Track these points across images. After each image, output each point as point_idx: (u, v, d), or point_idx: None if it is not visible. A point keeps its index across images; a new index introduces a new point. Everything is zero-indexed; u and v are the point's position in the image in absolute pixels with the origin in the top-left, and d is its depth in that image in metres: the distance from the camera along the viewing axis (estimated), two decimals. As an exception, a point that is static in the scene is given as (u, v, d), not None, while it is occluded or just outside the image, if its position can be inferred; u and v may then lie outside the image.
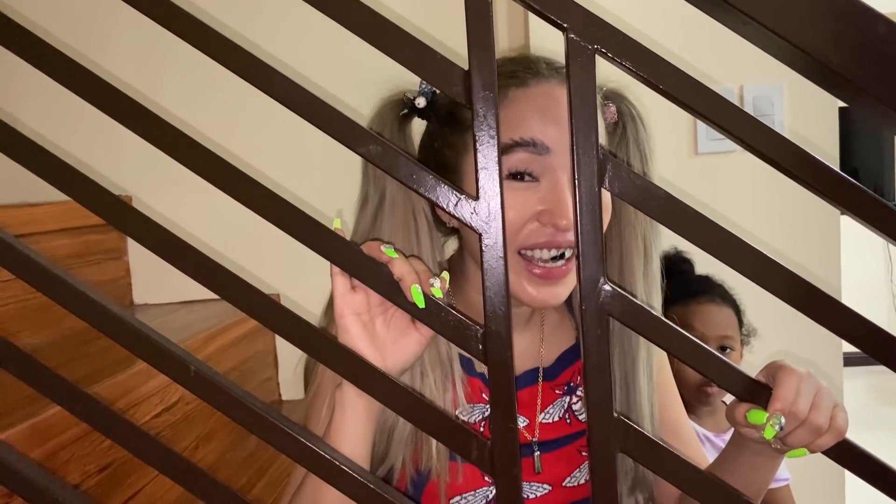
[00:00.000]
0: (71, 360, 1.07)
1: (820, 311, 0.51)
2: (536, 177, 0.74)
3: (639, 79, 0.50)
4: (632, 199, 0.51)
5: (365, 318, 0.64)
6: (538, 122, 0.74)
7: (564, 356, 0.90)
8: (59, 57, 0.53)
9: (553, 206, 0.72)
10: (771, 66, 1.34)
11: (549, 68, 0.79)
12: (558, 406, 0.87)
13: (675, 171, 1.33)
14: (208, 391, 0.55)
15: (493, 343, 0.52)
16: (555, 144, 0.73)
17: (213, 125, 1.41)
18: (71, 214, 1.36)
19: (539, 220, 0.73)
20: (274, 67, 0.52)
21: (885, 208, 0.49)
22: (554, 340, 0.91)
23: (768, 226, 1.34)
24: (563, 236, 0.73)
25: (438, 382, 0.79)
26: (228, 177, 0.52)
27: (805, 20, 0.46)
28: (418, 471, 0.81)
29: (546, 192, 0.73)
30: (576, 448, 0.87)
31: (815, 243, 1.35)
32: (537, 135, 0.73)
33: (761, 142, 0.49)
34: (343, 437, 0.65)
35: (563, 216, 0.71)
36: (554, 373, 0.89)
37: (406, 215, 0.79)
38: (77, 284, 0.54)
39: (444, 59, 0.51)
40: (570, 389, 0.89)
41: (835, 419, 0.60)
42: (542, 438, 0.86)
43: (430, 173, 0.52)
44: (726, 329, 1.25)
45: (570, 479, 0.86)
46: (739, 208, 1.33)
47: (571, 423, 0.87)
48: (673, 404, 0.92)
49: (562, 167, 0.73)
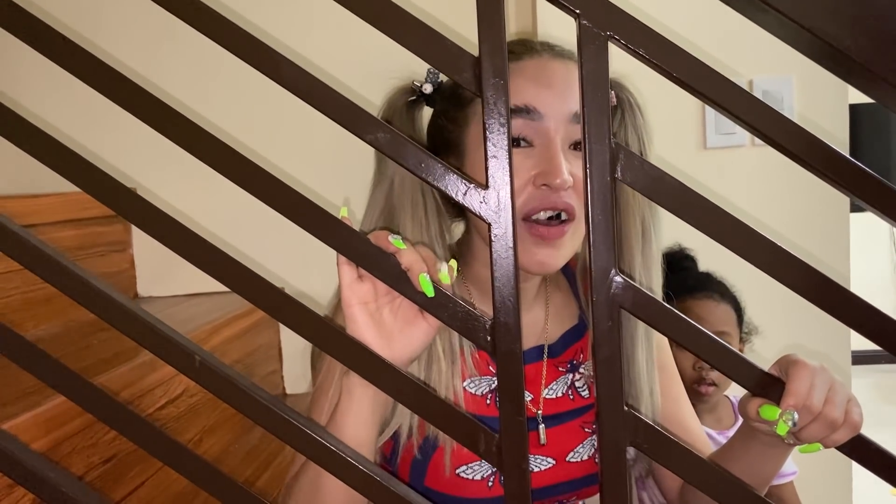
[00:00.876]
0: (74, 351, 1.06)
1: (835, 305, 0.50)
2: (531, 142, 0.77)
3: (652, 66, 0.49)
4: (644, 188, 0.50)
5: (372, 308, 0.64)
6: (531, 89, 0.77)
7: (568, 335, 0.92)
8: (64, 42, 0.52)
9: (547, 167, 0.75)
10: (781, 58, 1.33)
11: (542, 45, 0.82)
12: (562, 383, 0.89)
13: (684, 165, 1.32)
14: (214, 382, 0.54)
15: (501, 334, 0.51)
16: (547, 109, 0.76)
17: (218, 112, 1.40)
18: (75, 206, 1.35)
19: (534, 183, 0.76)
20: (281, 54, 0.51)
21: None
22: (558, 319, 0.93)
23: (777, 221, 1.33)
24: (559, 197, 0.75)
25: (447, 354, 0.80)
26: (233, 164, 0.52)
27: (822, 7, 0.46)
28: (426, 438, 0.82)
29: (540, 155, 0.76)
30: (579, 424, 0.88)
31: (824, 239, 1.33)
32: (530, 101, 0.76)
33: (777, 131, 0.49)
34: (347, 425, 0.65)
35: (556, 174, 0.74)
36: (558, 350, 0.91)
37: (415, 196, 0.81)
38: (84, 275, 0.54)
39: (454, 46, 0.50)
40: (573, 367, 0.91)
41: (850, 413, 0.59)
42: (547, 413, 0.87)
43: (439, 162, 0.51)
44: (723, 325, 1.25)
45: (573, 455, 0.87)
46: (747, 203, 1.32)
47: (574, 398, 0.89)
48: (673, 383, 0.93)
49: (555, 131, 0.76)
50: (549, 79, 0.78)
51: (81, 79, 0.52)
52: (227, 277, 0.53)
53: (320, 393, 0.79)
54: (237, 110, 1.54)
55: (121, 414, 0.55)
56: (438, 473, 0.82)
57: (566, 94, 0.77)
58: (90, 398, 0.55)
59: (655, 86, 0.95)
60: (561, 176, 0.74)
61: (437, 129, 0.87)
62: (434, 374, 0.80)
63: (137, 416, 0.55)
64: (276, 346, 1.59)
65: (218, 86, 1.55)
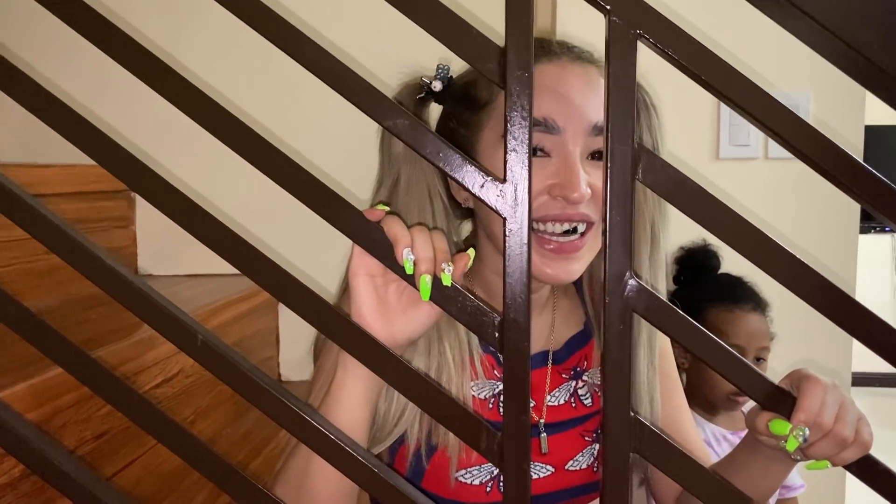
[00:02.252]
0: (71, 325, 1.06)
1: (851, 321, 0.49)
2: (548, 152, 0.75)
3: (680, 68, 0.48)
4: (665, 192, 0.49)
5: (378, 282, 0.63)
6: (550, 100, 0.75)
7: (573, 341, 0.91)
8: (84, 9, 0.51)
9: (564, 180, 0.73)
10: (799, 73, 1.32)
11: (560, 47, 0.80)
12: (564, 390, 0.88)
13: (696, 174, 1.31)
14: (214, 362, 0.53)
15: (510, 331, 0.51)
16: (566, 123, 0.74)
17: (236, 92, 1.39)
18: (80, 178, 1.34)
19: (550, 193, 0.74)
20: (305, 34, 0.50)
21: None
22: (564, 325, 0.92)
23: (785, 236, 1.32)
24: (575, 209, 0.74)
25: (457, 354, 0.79)
26: (244, 139, 0.51)
27: (857, 17, 0.45)
28: (429, 442, 0.81)
29: (558, 166, 0.74)
30: (579, 432, 0.87)
31: (832, 257, 1.33)
32: (550, 114, 0.74)
33: (803, 141, 0.48)
34: (341, 401, 0.64)
35: (574, 188, 0.72)
36: (562, 357, 0.90)
37: (421, 196, 0.79)
38: (90, 246, 0.53)
39: (481, 35, 0.49)
40: (576, 374, 0.90)
41: (860, 432, 0.58)
42: (549, 420, 0.86)
43: (458, 152, 0.50)
44: (765, 340, 1.23)
45: (572, 463, 0.86)
46: (757, 216, 1.31)
47: (576, 406, 0.88)
48: (673, 399, 0.92)
49: (573, 143, 0.74)
50: (568, 87, 0.76)
51: (98, 45, 0.51)
52: (230, 255, 0.52)
53: (317, 377, 0.79)
54: (252, 91, 1.53)
55: (117, 389, 0.54)
56: (437, 477, 0.81)
57: (586, 104, 0.75)
58: (87, 371, 0.54)
59: (670, 93, 0.95)
60: (578, 189, 0.72)
61: (447, 131, 0.85)
62: (444, 381, 0.79)
63: (134, 392, 0.54)
64: (274, 332, 1.58)
65: (238, 67, 1.54)
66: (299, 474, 0.67)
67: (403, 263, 0.55)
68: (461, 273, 0.59)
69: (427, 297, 0.55)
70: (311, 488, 0.66)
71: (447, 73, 0.85)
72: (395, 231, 0.55)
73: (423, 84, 0.84)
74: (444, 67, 0.85)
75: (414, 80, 0.85)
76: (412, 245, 0.55)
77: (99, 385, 0.54)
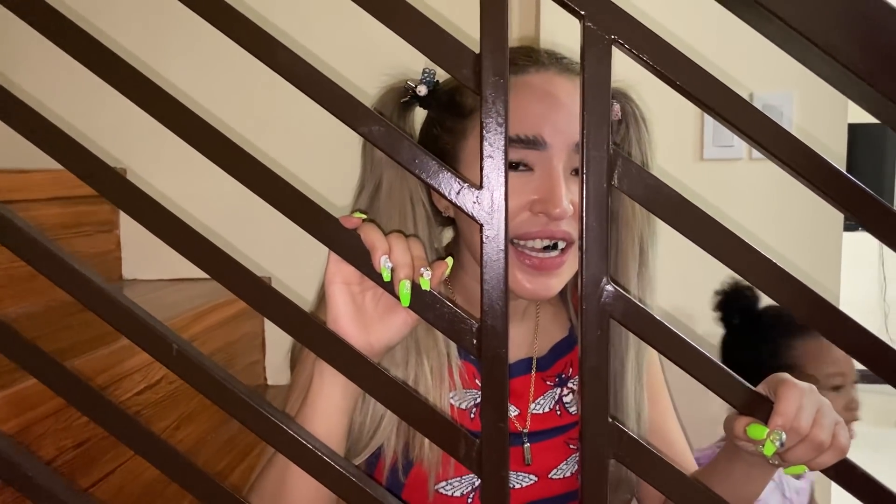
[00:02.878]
0: (54, 331, 1.05)
1: (827, 325, 0.49)
2: (531, 167, 0.74)
3: (655, 73, 0.48)
4: (641, 198, 0.49)
5: (355, 290, 0.62)
6: (537, 116, 0.74)
7: (557, 347, 0.90)
8: (60, 20, 0.51)
9: (547, 195, 0.72)
10: (783, 74, 1.33)
11: (549, 57, 0.79)
12: (549, 397, 0.87)
13: (680, 175, 1.32)
14: (190, 371, 0.53)
15: (488, 338, 0.50)
16: (552, 139, 0.74)
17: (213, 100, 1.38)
18: (64, 183, 1.33)
19: (532, 209, 0.73)
20: (278, 39, 0.50)
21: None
22: (548, 332, 0.91)
23: (770, 236, 1.32)
24: (557, 226, 0.73)
25: (435, 365, 0.78)
26: (217, 145, 0.50)
27: (830, 20, 0.45)
28: (406, 456, 0.80)
29: (540, 181, 0.73)
30: (564, 440, 0.86)
31: (817, 256, 1.33)
32: (536, 131, 0.73)
33: (777, 145, 0.48)
34: (318, 410, 0.63)
35: (556, 204, 0.71)
36: (547, 364, 0.89)
37: (403, 203, 0.78)
38: (61, 254, 0.52)
39: (455, 41, 0.49)
40: (561, 381, 0.89)
41: (837, 437, 0.58)
42: (533, 429, 0.85)
43: (434, 158, 0.50)
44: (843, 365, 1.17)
45: (556, 472, 0.85)
46: (741, 216, 1.32)
47: (562, 414, 0.87)
48: (659, 405, 0.92)
49: (557, 158, 0.74)
50: (555, 101, 0.75)
51: (73, 55, 0.51)
52: (206, 264, 0.52)
53: (294, 385, 0.78)
54: (231, 98, 1.52)
55: (92, 399, 0.53)
56: (415, 491, 0.80)
57: (573, 120, 0.74)
58: (60, 381, 0.53)
59: (653, 95, 0.94)
60: (561, 206, 0.71)
61: (431, 137, 0.83)
62: (421, 384, 0.78)
63: (109, 402, 0.54)
64: (260, 337, 1.58)
65: (214, 74, 1.53)
66: (276, 483, 0.66)
67: (381, 271, 0.54)
68: (439, 280, 0.58)
69: (407, 302, 0.55)
70: (287, 496, 0.65)
71: (433, 78, 0.83)
72: (371, 238, 0.55)
73: (407, 88, 0.83)
74: (429, 72, 0.83)
75: (399, 84, 0.84)
76: (389, 252, 0.55)
77: (72, 394, 0.54)
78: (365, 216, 0.57)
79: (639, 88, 0.87)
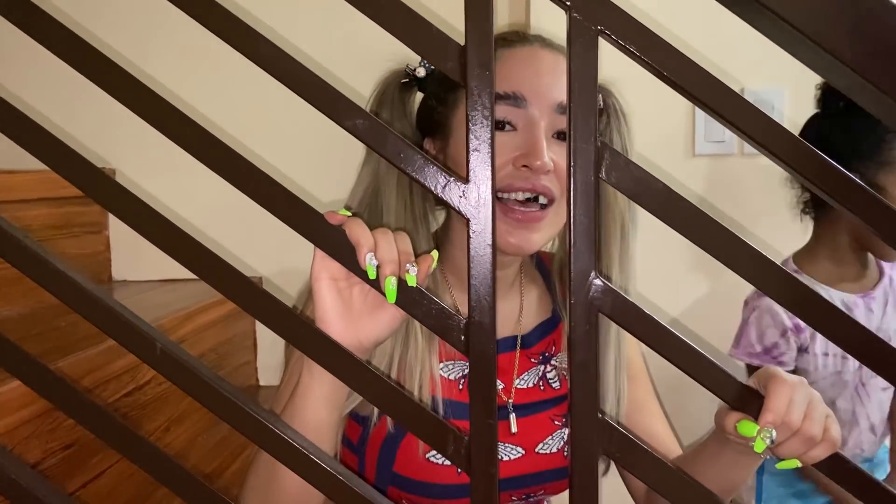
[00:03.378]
0: (42, 332, 1.04)
1: (816, 317, 0.48)
2: (515, 126, 0.78)
3: (642, 64, 0.47)
4: (629, 190, 0.48)
5: (342, 286, 0.61)
6: (518, 76, 0.78)
7: (541, 327, 0.93)
8: (45, 20, 0.50)
9: (529, 150, 0.76)
10: (776, 70, 1.32)
11: (535, 36, 0.83)
12: (533, 373, 0.89)
13: (673, 171, 1.31)
14: (175, 371, 0.52)
15: (475, 334, 0.50)
16: (533, 97, 0.77)
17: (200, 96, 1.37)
18: (52, 184, 1.32)
19: (515, 163, 0.76)
20: (259, 33, 0.49)
21: (888, 209, 0.46)
22: (532, 312, 0.93)
23: (762, 230, 1.32)
24: (538, 179, 0.76)
25: (425, 336, 0.80)
26: (204, 145, 0.50)
27: (821, 12, 0.44)
28: (396, 424, 0.81)
29: (522, 138, 0.77)
30: (549, 416, 0.88)
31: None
32: (518, 88, 0.77)
33: (768, 136, 0.47)
34: (307, 404, 0.63)
35: (538, 157, 0.75)
36: (531, 342, 0.91)
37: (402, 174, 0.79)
38: (45, 255, 0.51)
39: (440, 33, 0.48)
40: (545, 359, 0.91)
41: (828, 430, 0.58)
42: (517, 402, 0.87)
43: (419, 152, 0.49)
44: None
45: (542, 446, 0.86)
46: (734, 211, 1.32)
47: (545, 389, 0.89)
48: (640, 386, 0.93)
49: (539, 117, 0.77)
50: (537, 66, 0.79)
51: (54, 52, 0.50)
52: (193, 264, 0.51)
53: (286, 384, 0.78)
54: (217, 95, 1.51)
55: (76, 401, 0.53)
56: (408, 459, 0.81)
57: (553, 83, 0.78)
58: (44, 382, 0.53)
59: (645, 91, 0.94)
60: (542, 158, 0.74)
61: (426, 109, 0.88)
62: (411, 352, 0.79)
63: (95, 405, 0.53)
64: (251, 337, 1.57)
65: (200, 71, 1.52)
66: (266, 475, 0.66)
67: (366, 268, 0.54)
68: (426, 275, 0.58)
69: (393, 299, 0.54)
70: (278, 490, 0.65)
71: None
72: (356, 234, 0.54)
73: (407, 71, 0.88)
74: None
75: (400, 67, 0.88)
76: (375, 248, 0.54)
77: (56, 396, 0.53)
78: (350, 213, 0.57)
79: (629, 84, 0.87)
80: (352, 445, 0.85)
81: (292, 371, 0.77)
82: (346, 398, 0.67)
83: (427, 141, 0.87)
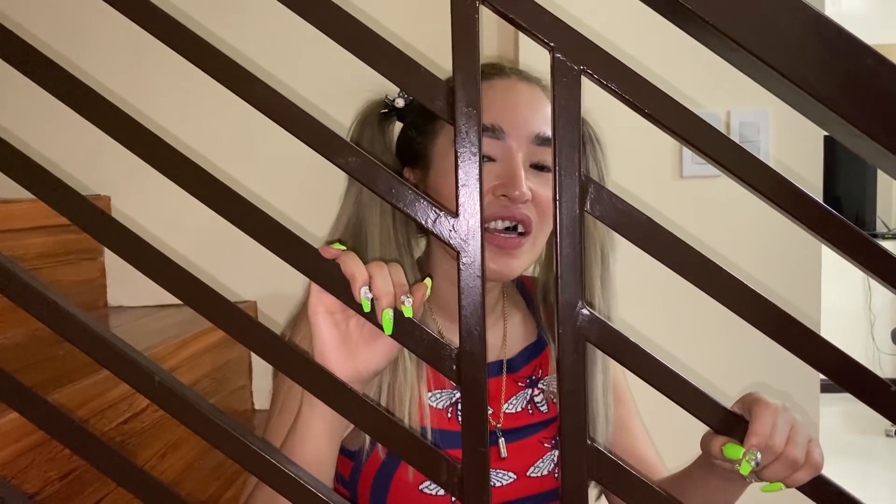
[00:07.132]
0: (39, 362, 1.04)
1: (796, 343, 0.50)
2: (493, 157, 0.80)
3: (624, 101, 0.49)
4: (613, 222, 0.50)
5: (338, 318, 0.63)
6: (497, 109, 0.80)
7: (526, 351, 0.94)
8: (38, 58, 0.52)
9: (507, 180, 0.78)
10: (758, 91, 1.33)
11: (512, 70, 0.86)
12: (521, 398, 0.90)
13: (660, 193, 1.33)
14: (172, 403, 0.53)
15: (467, 364, 0.51)
16: (510, 129, 0.80)
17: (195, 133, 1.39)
18: (47, 212, 1.30)
19: (494, 193, 0.79)
20: (254, 74, 0.51)
21: (865, 241, 0.48)
22: (516, 335, 0.95)
23: (751, 251, 1.34)
24: (517, 208, 0.79)
25: (413, 365, 0.81)
26: (202, 184, 0.51)
27: (791, 49, 0.46)
28: (389, 454, 0.82)
29: (501, 169, 0.79)
30: (538, 439, 0.89)
31: (797, 269, 1.35)
32: (496, 120, 0.80)
33: (745, 169, 0.49)
34: (308, 439, 0.64)
35: (516, 187, 0.77)
36: (518, 365, 0.92)
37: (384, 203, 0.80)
38: (39, 286, 0.53)
39: (428, 73, 0.50)
40: (532, 382, 0.92)
41: (811, 454, 0.59)
42: (506, 427, 0.88)
43: (409, 188, 0.51)
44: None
45: (533, 469, 0.87)
46: (723, 233, 1.33)
47: (534, 413, 0.90)
48: (629, 412, 0.95)
49: (517, 148, 0.79)
50: (515, 99, 0.82)
51: (53, 93, 0.52)
52: (186, 295, 0.53)
53: (282, 411, 0.78)
54: (213, 133, 1.52)
55: (72, 431, 0.54)
56: (401, 491, 0.81)
57: (530, 115, 0.81)
58: (40, 413, 0.54)
59: (633, 113, 0.96)
60: (520, 188, 0.77)
61: (405, 140, 0.90)
62: (399, 379, 0.80)
63: (90, 434, 0.54)
64: (246, 361, 1.57)
65: (193, 105, 1.54)
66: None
67: (361, 302, 0.55)
68: (420, 303, 0.59)
69: (390, 331, 0.55)
70: None
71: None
72: (351, 269, 0.56)
73: (386, 102, 0.90)
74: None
75: (379, 97, 0.90)
76: (371, 282, 0.56)
77: (52, 426, 0.54)
78: (344, 247, 0.58)
79: (616, 107, 0.89)
80: (343, 480, 0.85)
81: (284, 403, 0.77)
82: (345, 431, 0.68)
83: (407, 170, 0.89)
